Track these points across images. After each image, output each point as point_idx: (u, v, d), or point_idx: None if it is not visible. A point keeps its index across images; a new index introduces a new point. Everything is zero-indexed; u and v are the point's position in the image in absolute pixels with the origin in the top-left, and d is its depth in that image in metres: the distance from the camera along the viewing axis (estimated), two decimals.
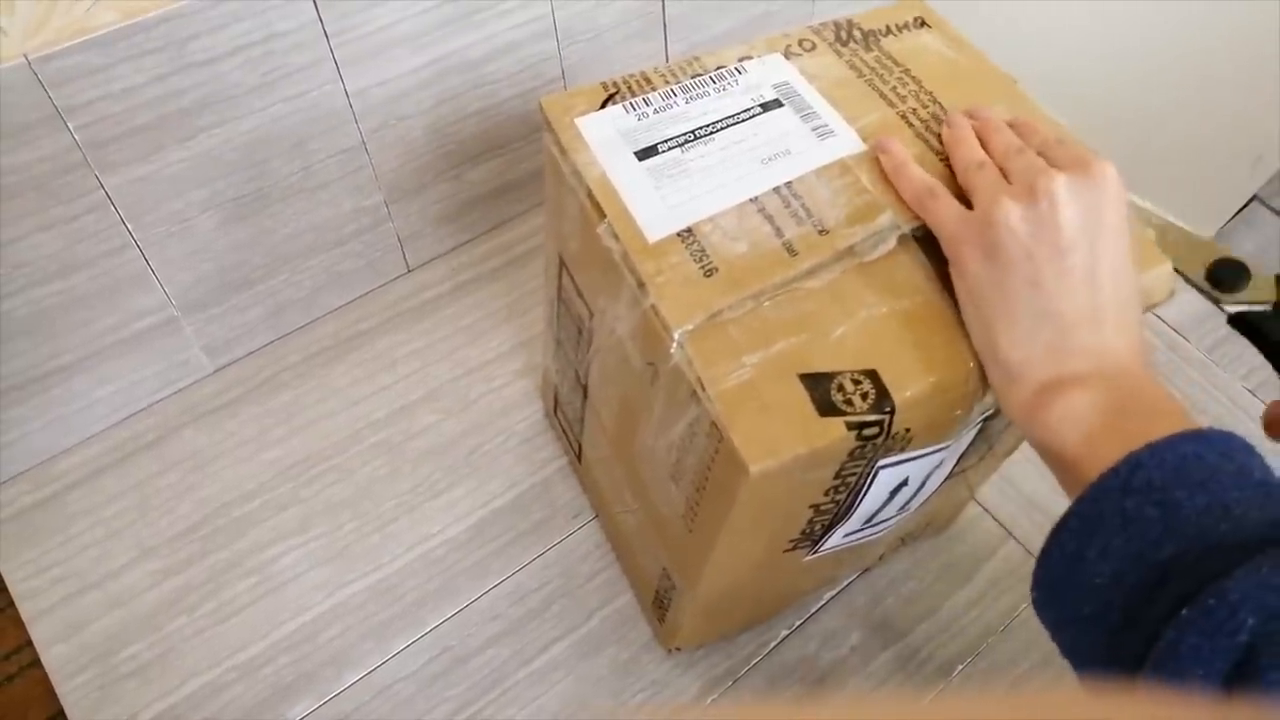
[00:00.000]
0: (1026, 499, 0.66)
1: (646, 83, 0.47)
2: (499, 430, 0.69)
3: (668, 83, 0.48)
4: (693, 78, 0.48)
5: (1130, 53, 0.85)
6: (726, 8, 0.81)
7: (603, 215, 0.43)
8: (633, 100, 0.47)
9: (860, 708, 0.22)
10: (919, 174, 0.43)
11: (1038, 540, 0.67)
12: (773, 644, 0.61)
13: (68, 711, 0.57)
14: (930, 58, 0.50)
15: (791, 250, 0.42)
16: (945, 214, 0.41)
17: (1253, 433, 0.68)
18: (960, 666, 0.60)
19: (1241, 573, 0.29)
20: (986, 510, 0.66)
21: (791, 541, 0.47)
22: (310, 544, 0.64)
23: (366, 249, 0.73)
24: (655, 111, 0.46)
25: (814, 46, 0.50)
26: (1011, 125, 0.44)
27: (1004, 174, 0.41)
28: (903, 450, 0.41)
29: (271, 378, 0.71)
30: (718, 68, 0.48)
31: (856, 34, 0.51)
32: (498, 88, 0.71)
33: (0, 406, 0.62)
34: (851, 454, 0.39)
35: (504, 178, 0.77)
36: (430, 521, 0.65)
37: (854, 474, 0.41)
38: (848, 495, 0.43)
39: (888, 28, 0.52)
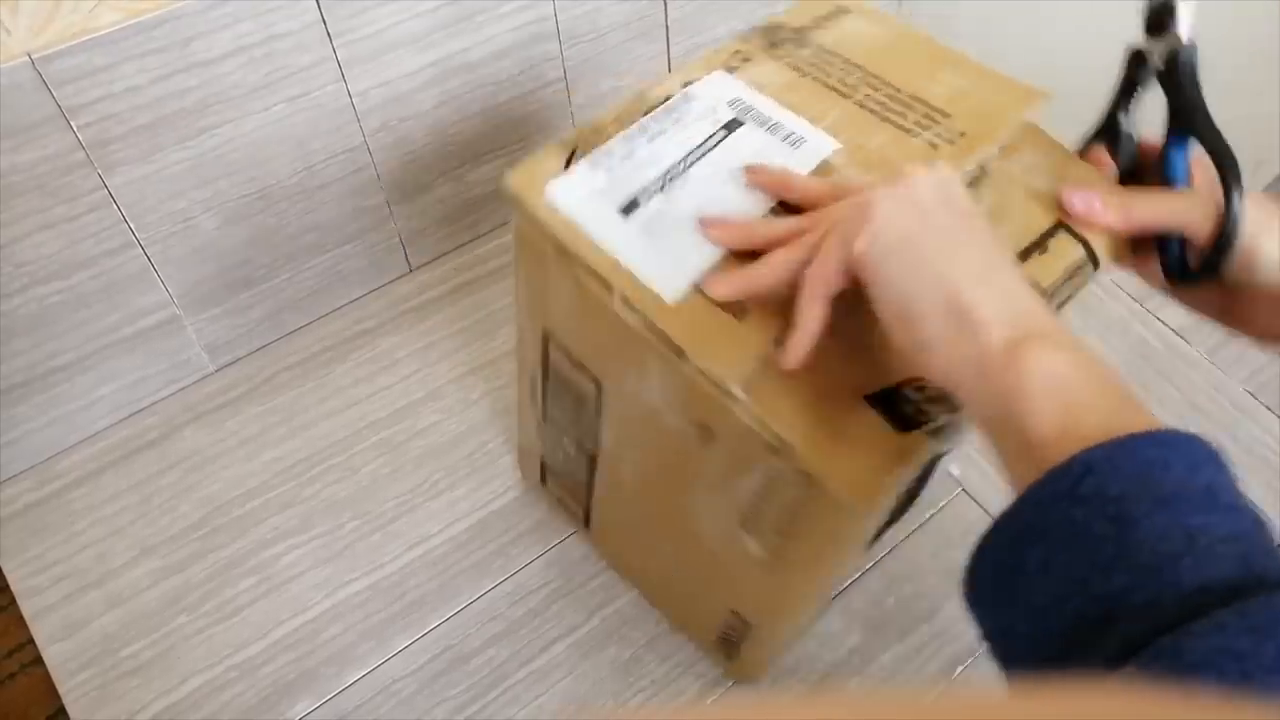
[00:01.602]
0: None
1: (600, 133, 0.44)
2: (500, 430, 0.69)
3: (623, 126, 0.45)
4: (645, 115, 0.45)
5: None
6: (729, 10, 0.81)
7: (609, 288, 0.40)
8: (595, 155, 0.44)
9: (862, 704, 0.22)
10: (773, 264, 0.39)
11: None
12: None
13: (69, 709, 0.57)
14: (863, 41, 0.50)
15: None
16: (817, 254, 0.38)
17: (1256, 437, 0.69)
18: (960, 668, 0.60)
19: (1200, 629, 0.25)
20: (988, 512, 0.66)
21: (863, 549, 0.46)
22: (311, 543, 0.64)
23: (368, 249, 0.73)
24: (622, 160, 0.43)
25: (750, 56, 0.49)
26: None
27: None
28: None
29: (273, 377, 0.71)
30: (665, 99, 0.46)
31: (786, 34, 0.50)
32: (499, 89, 0.71)
33: (2, 405, 0.62)
34: (932, 458, 0.39)
35: (506, 178, 0.77)
36: (431, 521, 0.65)
37: (925, 472, 0.41)
38: (912, 491, 0.43)
39: (814, 20, 0.51)
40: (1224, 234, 0.42)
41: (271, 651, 0.60)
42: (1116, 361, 0.73)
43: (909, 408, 0.38)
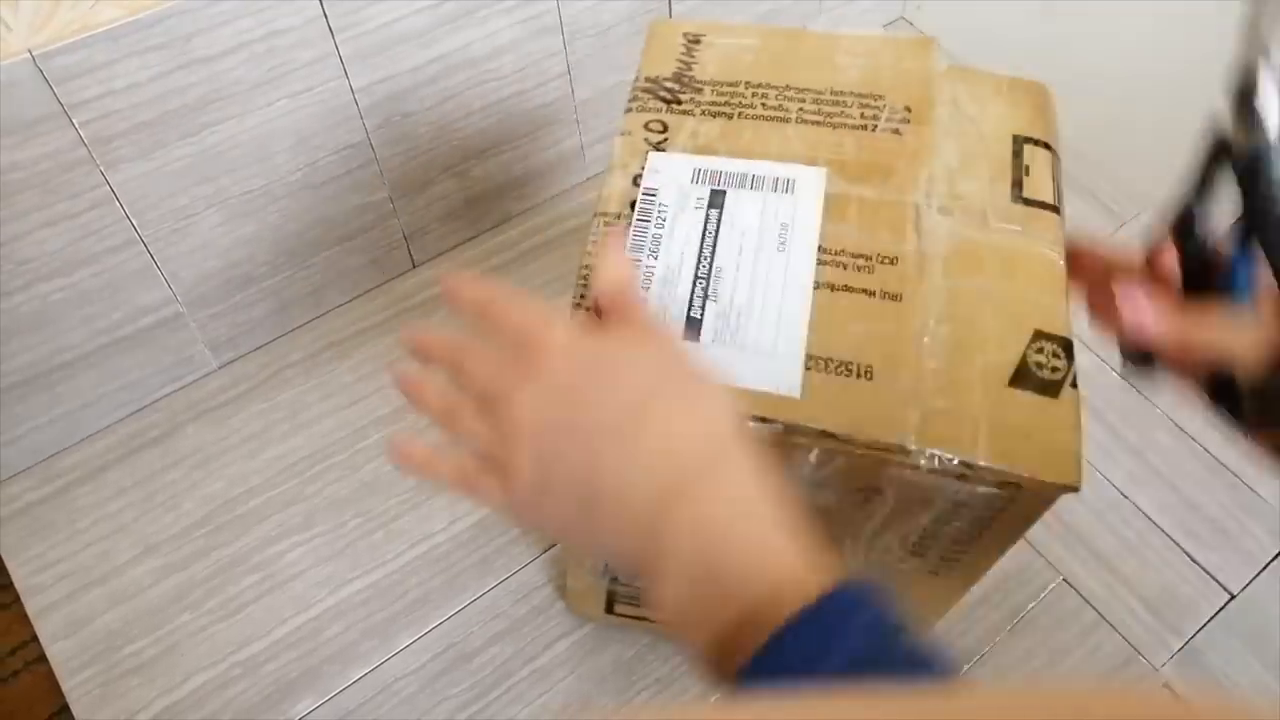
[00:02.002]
0: None
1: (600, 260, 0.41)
2: None
3: (621, 245, 0.42)
4: (632, 228, 0.43)
5: (1129, 56, 0.84)
6: (732, 5, 0.80)
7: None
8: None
9: (863, 704, 0.22)
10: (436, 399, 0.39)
11: (1044, 538, 0.66)
12: None
13: (72, 707, 0.57)
14: (745, 59, 0.48)
15: (890, 295, 0.40)
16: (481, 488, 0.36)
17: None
18: (967, 666, 0.60)
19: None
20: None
21: None
22: (314, 541, 0.64)
23: (371, 245, 0.73)
24: (647, 287, 0.42)
25: (666, 123, 0.46)
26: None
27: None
28: None
29: (276, 374, 0.71)
30: (631, 205, 0.44)
31: (673, 85, 0.48)
32: (502, 84, 0.71)
33: (5, 402, 0.62)
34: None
35: (508, 174, 0.77)
36: (434, 519, 0.65)
37: None
38: None
39: (682, 62, 0.49)
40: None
41: (274, 649, 0.60)
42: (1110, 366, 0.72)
43: (1046, 373, 0.39)
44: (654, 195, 0.44)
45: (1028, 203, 0.44)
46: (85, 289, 0.60)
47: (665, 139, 0.46)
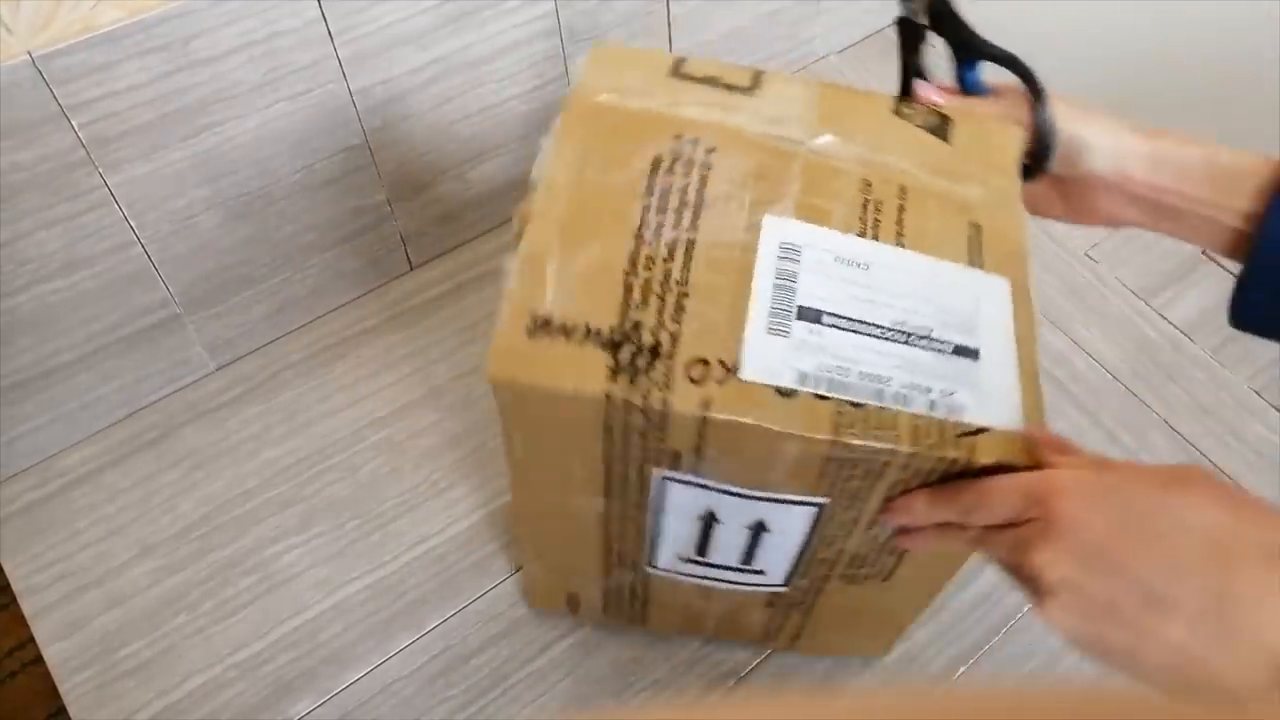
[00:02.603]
0: None
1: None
2: (500, 429, 0.69)
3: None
4: (772, 299, 0.41)
5: (1132, 53, 0.85)
6: (732, 6, 0.80)
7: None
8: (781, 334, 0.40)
9: (864, 703, 0.22)
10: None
11: None
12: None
13: (69, 708, 0.57)
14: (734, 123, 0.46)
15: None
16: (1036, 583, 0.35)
17: (1262, 436, 0.68)
18: (962, 669, 0.60)
19: None
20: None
21: None
22: (311, 542, 0.64)
23: (369, 247, 0.73)
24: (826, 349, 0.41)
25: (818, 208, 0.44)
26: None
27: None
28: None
29: (273, 376, 0.71)
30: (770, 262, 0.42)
31: (680, 164, 0.44)
32: (501, 87, 0.71)
33: (3, 403, 0.62)
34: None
35: (506, 176, 0.77)
36: (431, 520, 0.65)
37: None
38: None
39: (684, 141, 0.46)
40: (1040, 129, 0.47)
41: (271, 651, 0.60)
42: (1120, 359, 0.73)
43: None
44: (751, 251, 0.42)
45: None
46: (84, 290, 0.61)
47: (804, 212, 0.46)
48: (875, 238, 0.43)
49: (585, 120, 0.45)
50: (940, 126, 0.48)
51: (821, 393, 0.39)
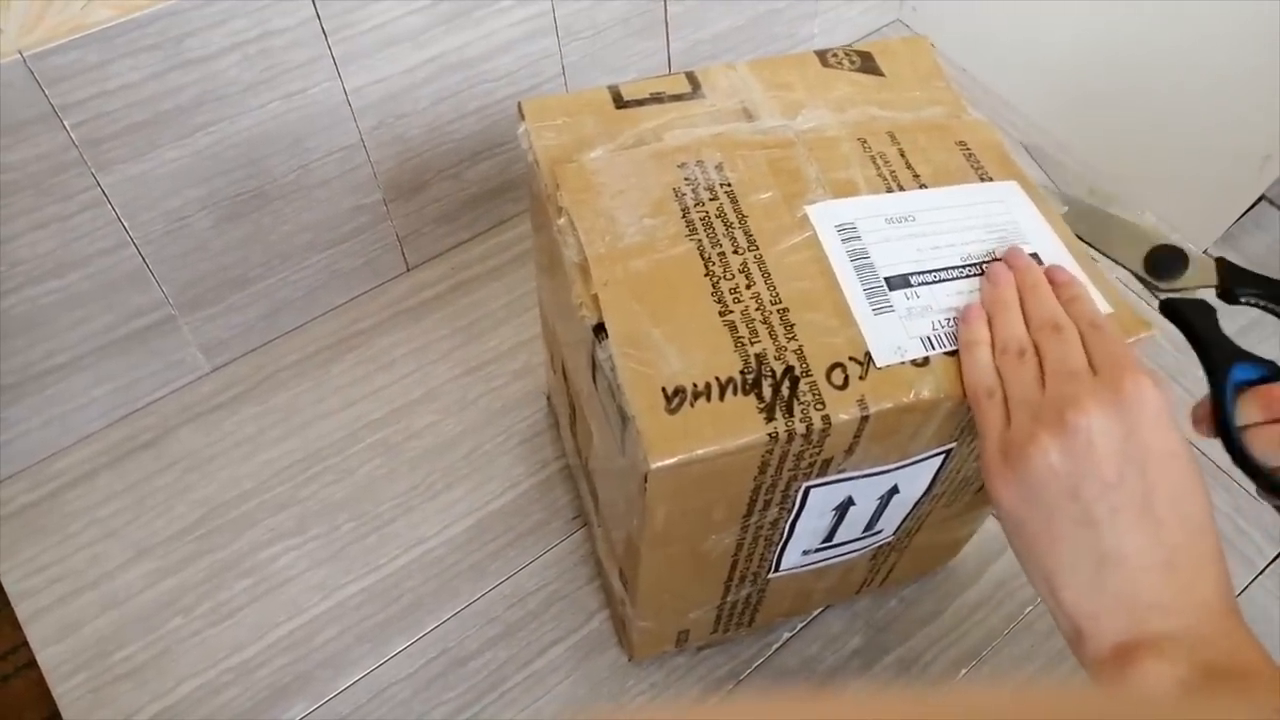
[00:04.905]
0: None
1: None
2: (498, 431, 0.68)
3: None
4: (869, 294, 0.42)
5: (1134, 50, 0.84)
6: (729, 5, 0.80)
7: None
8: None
9: (864, 704, 0.22)
10: (984, 365, 0.39)
11: None
12: (775, 646, 0.60)
13: (63, 713, 0.57)
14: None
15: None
16: (989, 425, 0.38)
17: None
18: (963, 671, 0.59)
19: None
20: (991, 513, 0.65)
21: None
22: (307, 545, 0.63)
23: (365, 248, 0.73)
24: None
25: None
26: (1048, 275, 0.41)
27: (1037, 352, 0.38)
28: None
29: (269, 377, 0.71)
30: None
31: (703, 190, 0.45)
32: (497, 85, 0.71)
33: None
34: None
35: (503, 176, 0.77)
36: (428, 522, 0.64)
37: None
38: None
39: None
40: None
41: (267, 654, 0.59)
42: None
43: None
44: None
45: None
46: (77, 291, 0.60)
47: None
48: (901, 188, 0.45)
49: (585, 187, 0.44)
50: (867, 64, 0.50)
51: (948, 349, 0.40)
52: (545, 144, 0.46)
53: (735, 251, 0.42)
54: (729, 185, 0.44)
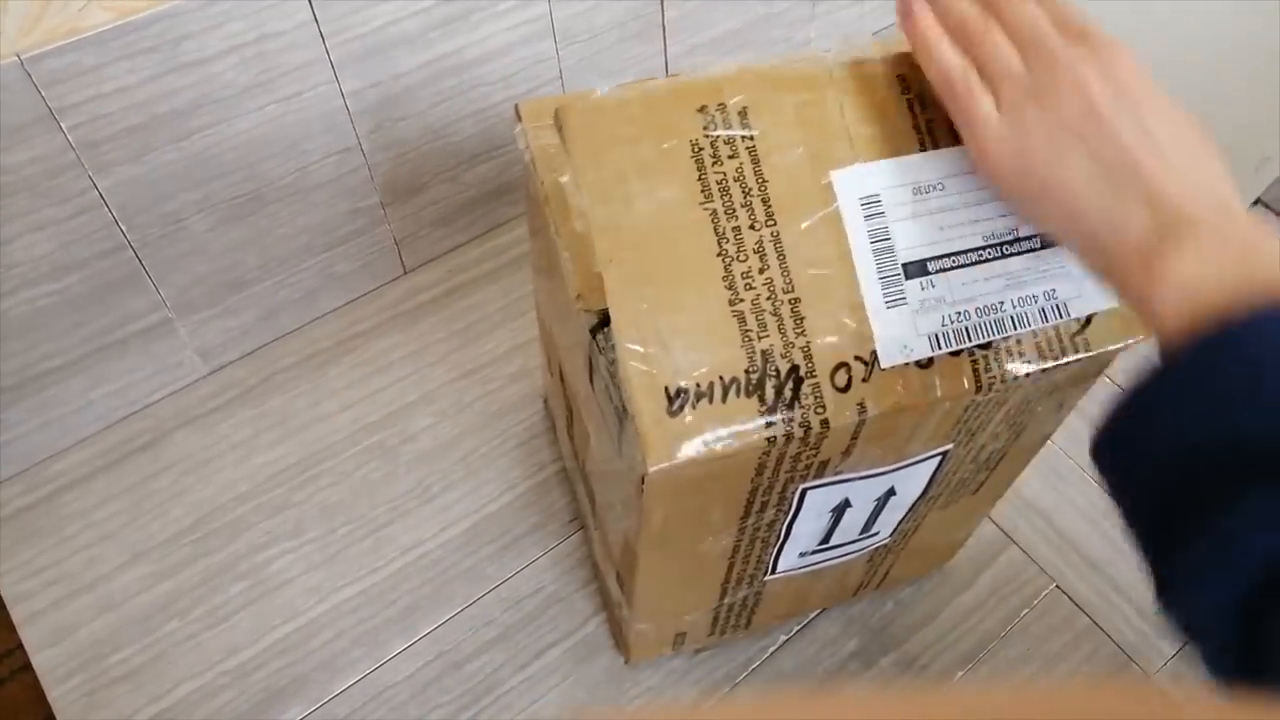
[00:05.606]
0: (1027, 503, 0.65)
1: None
2: (495, 434, 0.68)
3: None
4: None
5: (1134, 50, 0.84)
6: (727, 9, 0.80)
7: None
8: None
9: (863, 704, 0.22)
10: (946, 50, 0.37)
11: (1040, 546, 0.66)
12: (771, 649, 0.60)
13: (58, 716, 0.57)
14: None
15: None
16: (974, 107, 0.37)
17: None
18: (960, 673, 0.59)
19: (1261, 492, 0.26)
20: (988, 515, 0.65)
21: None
22: (304, 548, 0.63)
23: (362, 251, 0.73)
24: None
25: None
26: None
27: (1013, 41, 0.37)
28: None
29: (266, 380, 0.71)
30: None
31: (722, 144, 0.39)
32: (494, 89, 0.71)
33: None
34: None
35: (500, 179, 0.77)
36: (425, 525, 0.64)
37: None
38: None
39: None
40: None
41: (263, 657, 0.59)
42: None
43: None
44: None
45: None
46: (73, 294, 0.60)
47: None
48: (935, 145, 0.40)
49: (591, 130, 0.38)
50: None
51: (954, 349, 0.39)
52: (543, 145, 0.45)
53: (752, 227, 0.38)
54: (751, 140, 0.39)
